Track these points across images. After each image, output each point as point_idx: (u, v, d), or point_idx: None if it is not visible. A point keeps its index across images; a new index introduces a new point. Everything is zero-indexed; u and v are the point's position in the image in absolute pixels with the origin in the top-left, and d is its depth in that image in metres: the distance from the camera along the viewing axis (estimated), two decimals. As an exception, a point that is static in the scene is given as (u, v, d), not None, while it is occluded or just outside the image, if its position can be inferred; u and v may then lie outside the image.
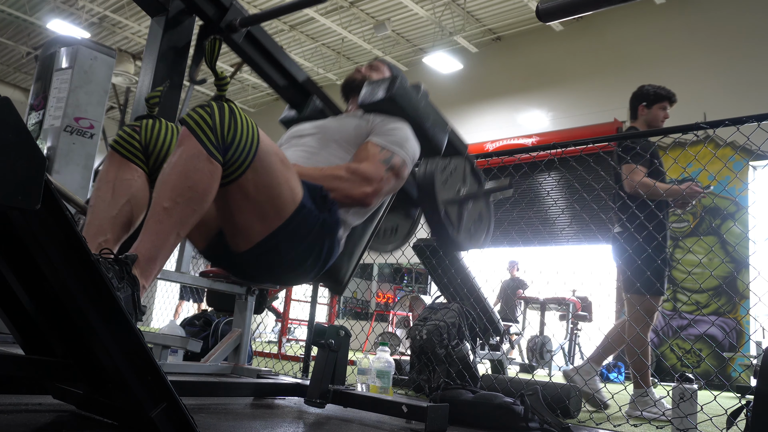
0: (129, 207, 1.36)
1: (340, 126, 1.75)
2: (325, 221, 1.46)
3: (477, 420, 1.99)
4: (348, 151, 1.68)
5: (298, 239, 1.41)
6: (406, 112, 1.75)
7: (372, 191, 1.57)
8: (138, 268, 1.16)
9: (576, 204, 7.87)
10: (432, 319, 3.11)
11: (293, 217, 1.37)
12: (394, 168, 1.63)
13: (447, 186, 1.94)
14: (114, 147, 1.42)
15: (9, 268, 1.11)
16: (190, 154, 1.20)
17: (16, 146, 0.85)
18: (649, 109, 3.17)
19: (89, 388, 1.24)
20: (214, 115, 1.23)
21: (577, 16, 1.63)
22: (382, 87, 1.75)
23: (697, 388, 2.22)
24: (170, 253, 1.23)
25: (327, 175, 1.53)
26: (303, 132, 1.79)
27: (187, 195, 1.20)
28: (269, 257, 1.42)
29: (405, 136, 1.70)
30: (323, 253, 1.50)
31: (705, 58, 7.81)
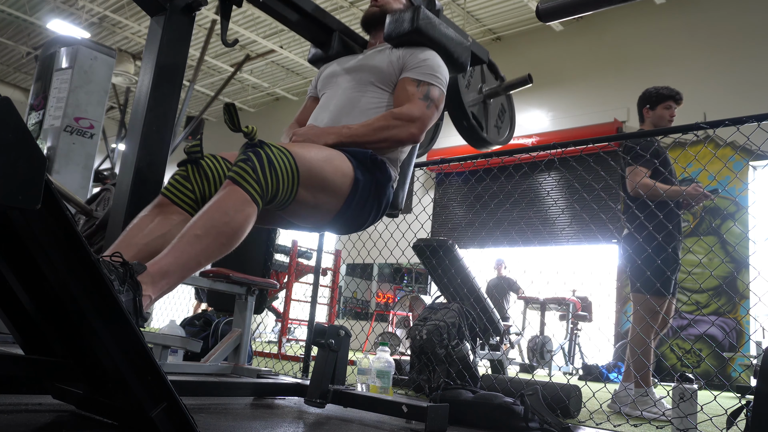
0: (161, 240, 1.35)
1: (373, 67, 1.82)
2: (379, 180, 1.63)
3: (477, 420, 1.99)
4: (385, 89, 1.79)
5: (359, 206, 1.59)
6: (432, 40, 1.82)
7: (418, 130, 1.70)
8: (148, 277, 1.17)
9: (576, 204, 7.87)
10: (432, 319, 3.11)
11: (352, 194, 1.55)
12: (434, 100, 1.74)
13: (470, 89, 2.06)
14: (165, 193, 1.45)
15: (9, 268, 1.11)
16: (235, 198, 1.29)
17: (16, 146, 0.85)
18: (654, 110, 3.18)
19: (89, 388, 1.24)
20: (256, 168, 1.32)
21: (577, 16, 1.63)
22: (407, 19, 1.80)
23: (697, 388, 2.22)
24: (185, 276, 1.24)
25: (375, 128, 1.65)
26: (338, 78, 1.87)
27: (221, 228, 1.26)
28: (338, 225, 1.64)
29: (437, 64, 1.79)
30: (382, 205, 1.69)
31: (705, 58, 7.81)
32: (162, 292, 1.21)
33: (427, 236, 8.06)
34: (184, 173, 1.48)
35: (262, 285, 3.16)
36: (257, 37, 10.53)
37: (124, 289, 1.11)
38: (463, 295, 3.77)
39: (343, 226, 1.68)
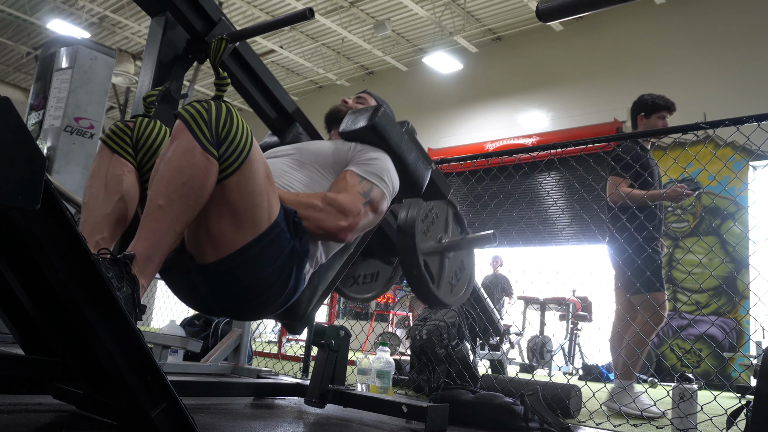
0: (122, 203, 1.36)
1: (318, 149, 1.67)
2: (294, 248, 1.38)
3: (477, 420, 1.99)
4: (324, 176, 1.60)
5: (267, 259, 1.33)
6: (388, 143, 1.67)
7: (348, 225, 1.47)
8: (136, 268, 1.16)
9: (576, 204, 7.87)
10: (432, 319, 3.11)
11: (266, 234, 1.31)
12: (373, 202, 1.54)
13: (428, 236, 1.84)
14: (105, 141, 1.42)
15: (9, 268, 1.11)
16: (185, 149, 1.19)
17: (16, 146, 0.85)
18: (648, 119, 3.19)
19: (89, 388, 1.24)
20: (211, 110, 1.21)
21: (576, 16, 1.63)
22: (365, 116, 1.69)
23: (697, 388, 2.22)
24: (168, 251, 1.22)
25: (302, 202, 1.44)
26: (279, 152, 1.70)
27: (182, 191, 1.18)
28: (234, 275, 1.33)
29: (385, 168, 1.61)
30: (289, 283, 1.41)
31: (705, 58, 7.81)
32: (152, 276, 1.20)
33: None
34: (130, 122, 1.44)
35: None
36: (257, 37, 10.53)
37: (122, 286, 1.11)
38: (463, 295, 3.76)
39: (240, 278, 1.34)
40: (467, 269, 2.04)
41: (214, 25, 1.80)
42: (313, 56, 11.33)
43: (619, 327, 3.02)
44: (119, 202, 1.36)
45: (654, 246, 3.02)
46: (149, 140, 1.44)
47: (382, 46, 10.77)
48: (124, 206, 1.37)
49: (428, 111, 10.55)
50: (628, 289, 2.96)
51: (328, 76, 11.82)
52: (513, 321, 6.83)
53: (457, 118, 10.41)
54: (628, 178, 3.00)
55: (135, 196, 1.40)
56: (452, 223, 1.96)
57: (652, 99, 3.20)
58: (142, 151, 1.43)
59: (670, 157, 5.95)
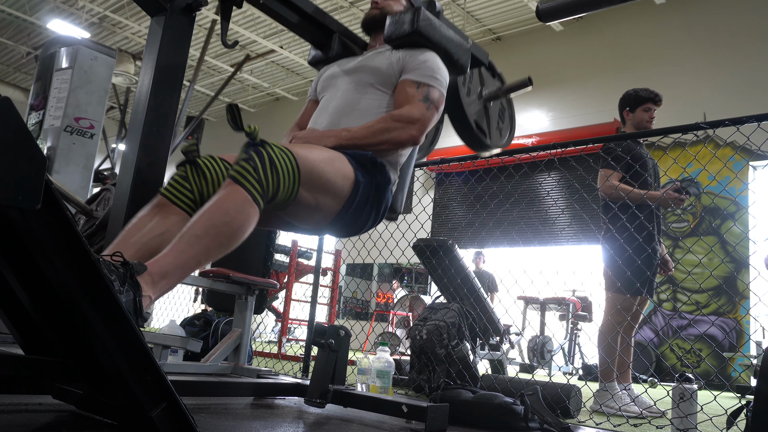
0: (160, 239, 1.35)
1: (372, 69, 1.81)
2: (379, 183, 1.62)
3: (477, 420, 1.99)
4: (385, 91, 1.78)
5: (359, 209, 1.58)
6: (432, 41, 1.81)
7: (418, 132, 1.69)
8: (148, 278, 1.16)
9: (576, 204, 7.87)
10: (432, 319, 3.11)
11: (352, 196, 1.55)
12: (434, 102, 1.73)
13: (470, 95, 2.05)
14: (164, 193, 1.44)
15: (9, 268, 1.11)
16: (236, 198, 1.28)
17: (16, 146, 0.85)
18: (633, 112, 3.18)
19: (89, 388, 1.24)
20: (258, 168, 1.32)
21: (576, 16, 1.63)
22: (407, 21, 1.79)
23: (697, 388, 2.22)
24: (184, 276, 1.24)
25: (375, 130, 1.64)
26: (338, 80, 1.86)
27: (221, 228, 1.25)
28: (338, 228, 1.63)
29: (436, 66, 1.78)
30: (381, 208, 1.68)
31: (705, 58, 7.81)
32: (162, 293, 1.21)
33: (427, 236, 8.06)
34: (183, 173, 1.48)
35: (262, 285, 3.17)
36: (257, 37, 10.54)
37: (124, 289, 1.11)
38: (463, 295, 3.77)
39: (342, 229, 1.66)
40: (508, 109, 2.29)
41: None
42: (313, 56, 11.32)
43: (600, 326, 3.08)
44: (158, 237, 1.35)
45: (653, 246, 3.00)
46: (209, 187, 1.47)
47: (382, 46, 10.76)
48: (161, 242, 1.34)
49: (428, 111, 10.53)
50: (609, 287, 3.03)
51: (328, 76, 11.80)
52: (513, 321, 6.82)
53: (457, 118, 10.39)
54: (620, 170, 2.98)
55: None
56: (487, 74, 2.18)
57: (635, 92, 3.20)
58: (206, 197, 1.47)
59: (670, 157, 5.94)
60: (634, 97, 3.19)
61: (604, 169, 3.05)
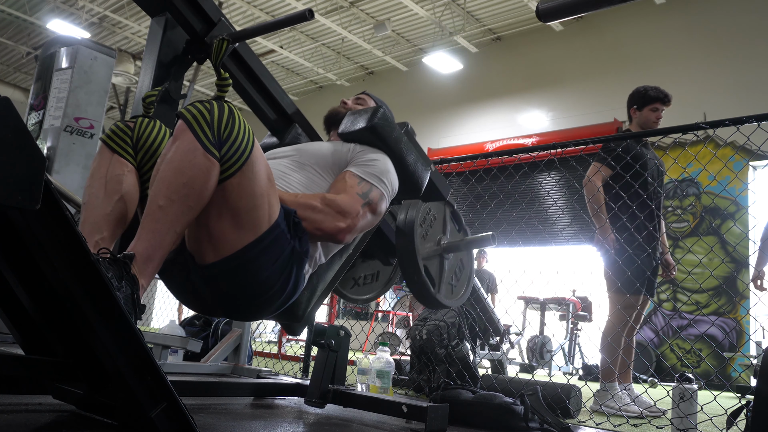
0: (122, 203, 1.36)
1: (317, 150, 1.67)
2: (294, 249, 1.38)
3: (477, 420, 1.99)
4: (323, 177, 1.60)
5: (267, 260, 1.33)
6: (387, 144, 1.67)
7: (346, 226, 1.47)
8: (135, 267, 1.16)
9: (576, 204, 7.87)
10: (432, 319, 3.11)
11: (267, 235, 1.31)
12: (372, 203, 1.54)
13: (427, 239, 1.83)
14: (105, 141, 1.42)
15: (9, 268, 1.11)
16: (186, 149, 1.19)
17: (16, 146, 0.85)
18: (640, 111, 3.15)
19: (89, 388, 1.24)
20: (213, 111, 1.21)
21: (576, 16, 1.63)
22: (364, 117, 1.69)
23: (697, 388, 2.22)
24: (168, 251, 1.22)
25: (301, 203, 1.44)
26: (279, 154, 1.70)
27: (182, 192, 1.18)
28: (235, 276, 1.33)
29: (385, 169, 1.61)
30: (289, 283, 1.41)
31: (705, 58, 7.81)
32: (151, 276, 1.20)
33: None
34: (130, 122, 1.44)
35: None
36: (257, 37, 10.53)
37: (122, 285, 1.11)
38: (463, 295, 3.76)
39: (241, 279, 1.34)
40: (466, 268, 2.04)
41: (214, 25, 1.78)
42: (313, 56, 11.33)
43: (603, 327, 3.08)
44: (119, 202, 1.36)
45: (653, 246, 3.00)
46: (149, 140, 1.44)
47: (382, 46, 10.77)
48: (124, 206, 1.36)
49: (428, 111, 10.55)
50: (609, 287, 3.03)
51: (328, 76, 11.82)
52: (513, 321, 6.82)
53: (457, 118, 10.40)
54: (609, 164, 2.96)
55: (135, 196, 1.40)
56: (450, 222, 1.96)
57: (644, 90, 3.15)
58: (142, 151, 1.43)
59: (670, 157, 5.94)
60: (643, 95, 3.14)
61: (596, 162, 3.04)
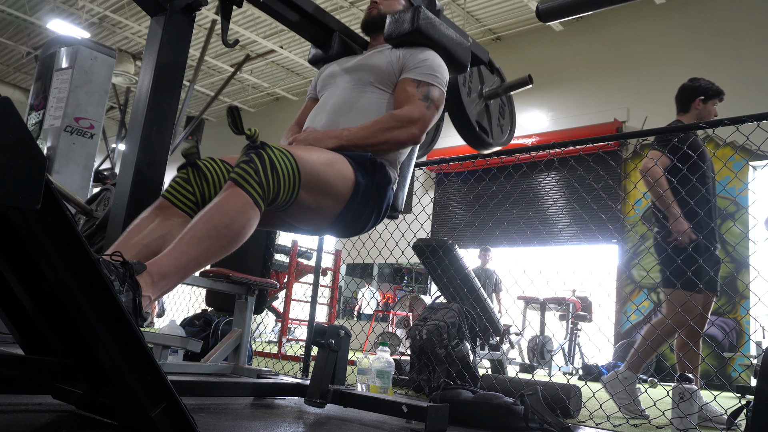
0: (161, 241, 1.36)
1: (372, 67, 1.80)
2: (379, 183, 1.62)
3: (477, 420, 1.99)
4: (385, 90, 1.77)
5: (360, 210, 1.59)
6: (432, 40, 1.80)
7: (419, 131, 1.69)
8: (148, 278, 1.17)
9: (576, 204, 7.87)
10: (432, 319, 3.11)
11: (353, 198, 1.55)
12: (434, 101, 1.72)
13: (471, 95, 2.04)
14: (166, 196, 1.45)
15: (9, 268, 1.11)
16: (237, 200, 1.28)
17: (16, 146, 0.85)
18: (705, 104, 3.03)
19: (89, 388, 1.24)
20: (258, 170, 1.32)
21: (577, 16, 1.63)
22: (407, 19, 1.79)
23: (697, 388, 2.22)
24: (184, 277, 1.24)
25: (376, 130, 1.64)
26: (337, 78, 1.86)
27: (222, 231, 1.25)
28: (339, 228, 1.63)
29: (437, 65, 1.77)
30: (383, 208, 1.68)
31: (705, 58, 7.81)
32: (161, 293, 1.21)
33: (427, 236, 8.06)
34: (185, 176, 1.48)
35: (262, 285, 3.16)
36: (257, 37, 10.53)
37: (124, 289, 1.11)
38: (463, 295, 3.77)
39: (343, 230, 1.66)
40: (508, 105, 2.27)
41: None
42: (313, 56, 11.32)
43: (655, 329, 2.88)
44: (159, 239, 1.36)
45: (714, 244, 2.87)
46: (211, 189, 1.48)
47: (382, 46, 10.76)
48: (162, 244, 1.35)
49: (428, 111, 10.54)
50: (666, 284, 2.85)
51: (328, 76, 11.80)
52: (513, 321, 6.83)
53: (457, 118, 10.39)
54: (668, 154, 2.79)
55: None
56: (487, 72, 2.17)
57: (709, 85, 3.05)
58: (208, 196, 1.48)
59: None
60: (712, 90, 3.03)
61: (653, 150, 2.86)
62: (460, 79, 2.00)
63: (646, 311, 7.53)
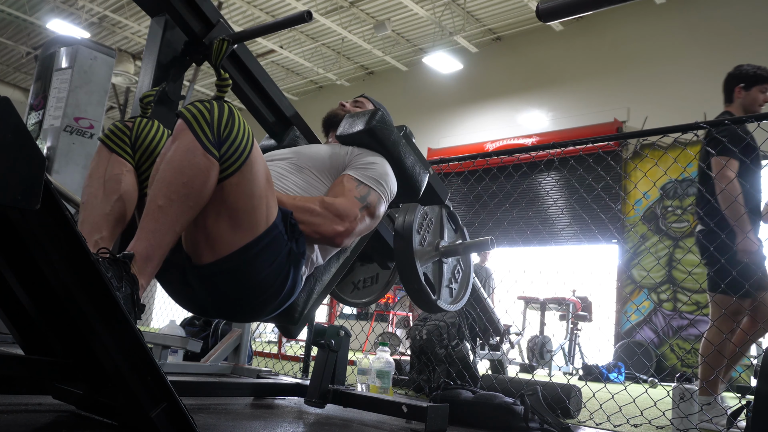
0: (121, 203, 1.36)
1: (315, 153, 1.67)
2: (291, 250, 1.38)
3: (477, 420, 1.99)
4: (321, 180, 1.60)
5: (264, 261, 1.33)
6: (385, 147, 1.67)
7: (344, 230, 1.47)
8: (135, 267, 1.16)
9: (576, 204, 7.87)
10: (432, 319, 3.11)
11: (264, 236, 1.31)
12: (370, 206, 1.55)
13: (425, 245, 1.82)
14: (103, 140, 1.42)
15: (9, 268, 1.11)
16: (186, 149, 1.19)
17: (16, 146, 0.85)
18: (748, 91, 2.81)
19: (89, 388, 1.24)
20: (213, 110, 1.22)
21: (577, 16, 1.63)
22: (362, 119, 1.68)
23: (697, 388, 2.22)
24: (167, 251, 1.22)
25: (299, 206, 1.44)
26: (276, 156, 1.69)
27: (182, 192, 1.18)
28: (231, 277, 1.32)
29: (383, 172, 1.61)
30: (286, 285, 1.40)
31: (705, 58, 7.81)
32: (151, 276, 1.20)
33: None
34: (129, 122, 1.44)
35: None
36: (257, 37, 10.53)
37: (122, 285, 1.11)
38: (463, 295, 3.77)
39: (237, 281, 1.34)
40: (465, 270, 2.03)
41: (212, 27, 1.76)
42: (313, 56, 11.33)
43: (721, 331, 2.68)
44: (118, 202, 1.35)
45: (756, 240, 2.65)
46: (148, 139, 1.44)
47: (382, 46, 10.76)
48: (123, 206, 1.36)
49: (428, 111, 10.55)
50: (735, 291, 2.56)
51: (328, 76, 11.82)
52: (513, 321, 6.82)
53: (457, 118, 10.40)
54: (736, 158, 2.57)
55: (134, 195, 1.40)
56: (447, 224, 1.95)
57: (753, 69, 2.83)
58: (140, 150, 1.43)
59: (670, 157, 5.93)
60: (753, 74, 2.81)
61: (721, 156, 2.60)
62: (416, 225, 1.78)
63: (646, 311, 7.53)
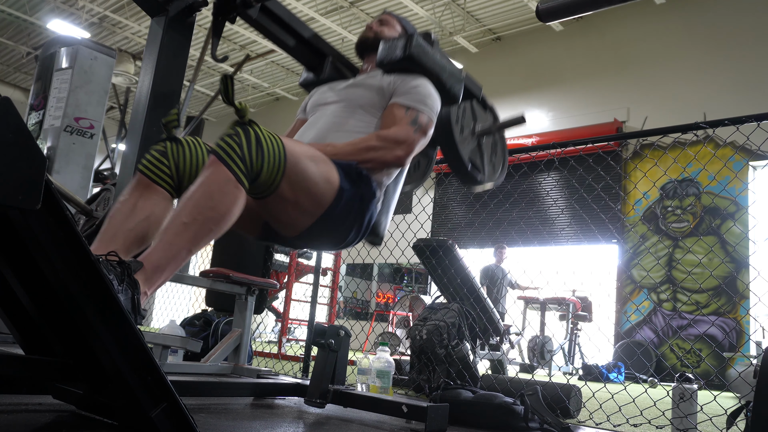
0: (146, 223, 1.35)
1: (363, 92, 1.80)
2: (363, 195, 1.56)
3: (477, 420, 1.99)
4: (374, 114, 1.76)
5: (341, 219, 1.52)
6: (424, 67, 1.80)
7: (404, 153, 1.67)
8: (143, 275, 1.16)
9: (576, 204, 7.87)
10: (432, 319, 3.11)
11: (335, 203, 1.48)
12: (422, 126, 1.71)
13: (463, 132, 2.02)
14: (143, 171, 1.42)
15: (9, 268, 1.11)
16: (219, 178, 1.24)
17: (16, 146, 0.85)
18: None
19: (89, 388, 1.24)
20: (242, 144, 1.27)
21: (577, 16, 1.63)
22: (400, 46, 1.79)
23: (697, 388, 2.22)
24: (178, 267, 1.23)
25: (360, 147, 1.61)
26: (327, 100, 1.85)
27: (207, 214, 1.23)
28: (320, 235, 1.55)
29: (427, 93, 1.76)
30: (365, 223, 1.61)
31: (705, 58, 7.81)
32: (156, 287, 1.21)
33: (427, 236, 8.05)
34: (162, 149, 1.45)
35: (262, 285, 3.16)
36: (257, 37, 10.54)
37: (122, 288, 1.11)
38: (463, 295, 3.77)
39: (321, 239, 1.59)
40: (500, 142, 2.22)
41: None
42: (313, 56, 11.32)
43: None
44: (143, 222, 1.35)
45: None
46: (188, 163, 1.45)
47: (382, 46, 10.76)
48: (148, 227, 1.35)
49: (428, 111, 10.55)
50: None
51: (328, 76, 11.81)
52: (513, 321, 6.82)
53: (457, 118, 10.39)
54: None
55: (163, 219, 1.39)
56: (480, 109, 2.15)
57: None
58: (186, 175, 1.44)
59: (670, 157, 5.93)
60: None
61: None
62: (453, 117, 1.96)
63: (646, 311, 7.53)
